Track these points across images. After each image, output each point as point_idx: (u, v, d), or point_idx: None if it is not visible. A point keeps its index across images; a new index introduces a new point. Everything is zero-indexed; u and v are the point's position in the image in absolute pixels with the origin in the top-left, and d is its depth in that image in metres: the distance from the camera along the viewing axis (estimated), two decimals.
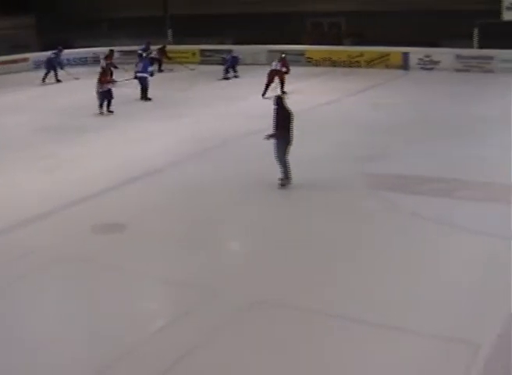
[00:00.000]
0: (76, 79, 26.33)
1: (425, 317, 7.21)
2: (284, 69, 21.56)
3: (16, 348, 6.85)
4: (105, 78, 19.63)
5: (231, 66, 26.37)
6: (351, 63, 28.54)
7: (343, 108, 19.94)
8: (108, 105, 19.44)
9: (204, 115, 18.88)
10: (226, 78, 25.96)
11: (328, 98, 21.34)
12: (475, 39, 27.02)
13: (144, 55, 26.33)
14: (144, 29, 30.44)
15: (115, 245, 9.59)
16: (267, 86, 21.19)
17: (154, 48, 28.51)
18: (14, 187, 12.43)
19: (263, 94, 20.85)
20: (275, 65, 21.64)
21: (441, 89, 22.74)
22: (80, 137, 16.31)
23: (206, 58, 31.03)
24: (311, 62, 29.32)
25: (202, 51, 31.49)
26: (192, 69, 28.34)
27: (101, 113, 19.31)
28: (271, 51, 28.88)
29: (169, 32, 32.42)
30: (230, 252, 9.86)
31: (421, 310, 7.38)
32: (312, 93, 22.78)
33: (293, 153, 11.72)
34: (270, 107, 11.95)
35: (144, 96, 21.60)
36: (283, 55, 22.28)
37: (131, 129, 17.33)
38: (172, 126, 17.53)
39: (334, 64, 28.80)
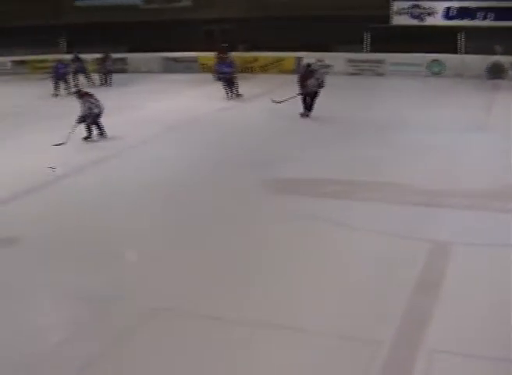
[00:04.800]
0: None
1: (328, 318, 7.09)
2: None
3: None
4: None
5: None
6: (245, 69, 28.48)
7: (239, 114, 19.75)
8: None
9: None
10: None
11: (223, 104, 21.10)
12: (366, 43, 27.52)
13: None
14: (37, 37, 29.40)
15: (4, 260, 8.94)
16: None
17: None
18: None
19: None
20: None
21: (333, 93, 22.89)
22: None
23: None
24: (204, 68, 29.13)
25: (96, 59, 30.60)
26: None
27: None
28: (166, 59, 28.66)
29: (63, 40, 31.62)
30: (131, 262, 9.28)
31: (324, 311, 7.24)
32: (208, 99, 22.49)
33: (191, 158, 11.34)
34: None
35: None
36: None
37: None
38: None
39: None
